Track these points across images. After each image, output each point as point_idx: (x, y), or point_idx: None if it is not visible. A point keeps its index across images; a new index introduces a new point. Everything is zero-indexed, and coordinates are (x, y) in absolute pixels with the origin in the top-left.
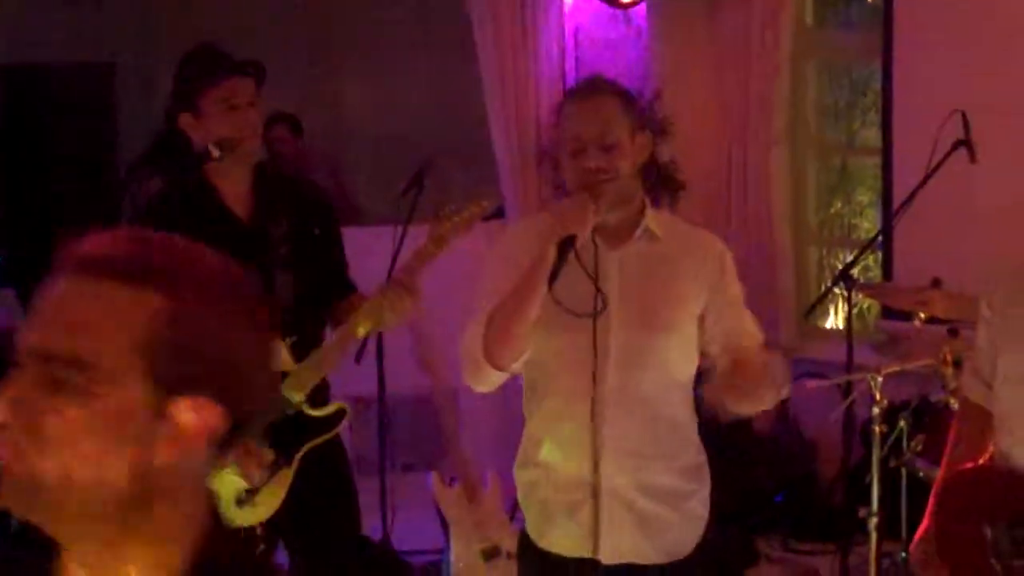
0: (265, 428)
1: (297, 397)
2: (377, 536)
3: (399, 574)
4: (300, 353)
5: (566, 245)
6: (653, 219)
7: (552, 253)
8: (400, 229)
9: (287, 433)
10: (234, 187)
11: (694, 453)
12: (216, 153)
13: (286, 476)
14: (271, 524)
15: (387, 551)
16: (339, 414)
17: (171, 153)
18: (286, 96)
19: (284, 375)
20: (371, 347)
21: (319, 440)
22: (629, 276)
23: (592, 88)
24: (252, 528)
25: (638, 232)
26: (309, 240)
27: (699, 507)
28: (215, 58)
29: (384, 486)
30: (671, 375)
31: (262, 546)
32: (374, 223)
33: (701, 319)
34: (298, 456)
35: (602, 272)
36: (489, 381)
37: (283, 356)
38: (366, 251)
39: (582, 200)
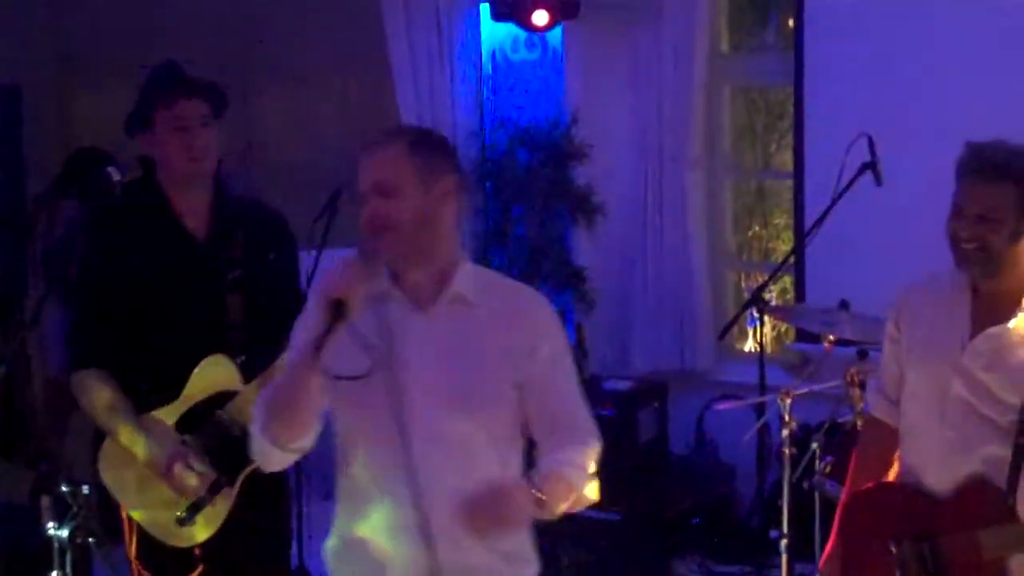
0: (209, 448)
1: (243, 419)
2: (293, 564)
3: None
4: (250, 374)
5: (337, 310)
6: (465, 280)
7: (321, 320)
8: (314, 253)
9: (232, 454)
10: (191, 205)
11: (519, 534)
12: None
13: (228, 497)
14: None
15: None
16: None
17: (80, 175)
18: None
19: (233, 395)
20: None
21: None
22: (434, 345)
23: (381, 135)
24: (190, 549)
25: (445, 296)
26: (263, 264)
27: None
28: (171, 77)
29: (301, 513)
30: (480, 458)
31: (200, 567)
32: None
33: (520, 389)
34: (241, 477)
35: (401, 337)
36: (277, 461)
37: (232, 375)
38: None
39: (351, 262)
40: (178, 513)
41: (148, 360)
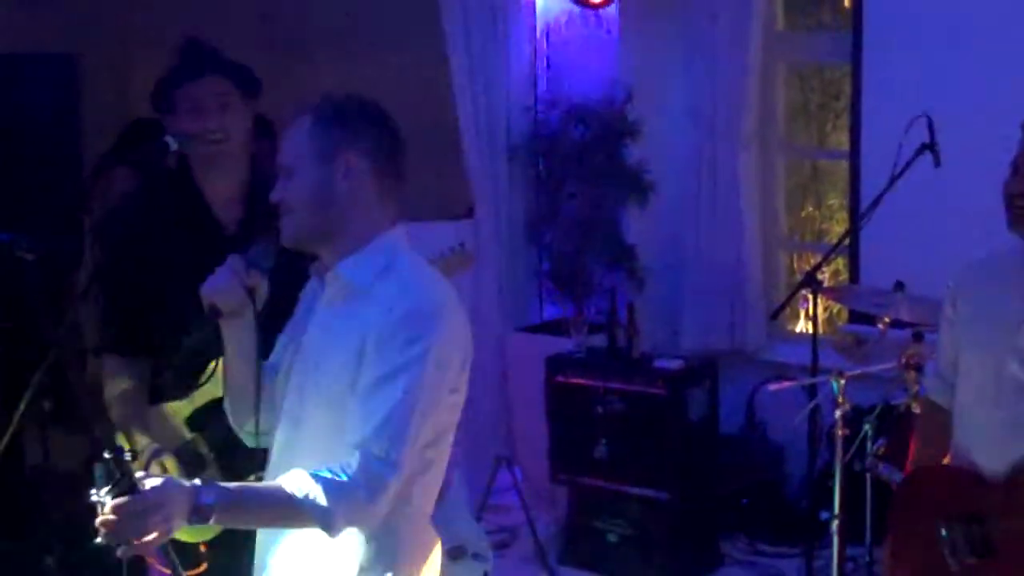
0: (218, 445)
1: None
2: None
3: None
4: None
5: (212, 312)
6: (361, 264)
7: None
8: None
9: (243, 453)
10: (220, 191)
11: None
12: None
13: None
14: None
15: None
16: None
17: (137, 144)
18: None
19: None
20: None
21: None
22: (320, 334)
23: (297, 113)
24: (196, 545)
25: (329, 277)
26: (299, 256)
27: None
28: (192, 55)
29: None
30: (336, 457)
31: (205, 565)
32: None
33: None
34: (251, 479)
35: (309, 326)
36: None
37: None
38: None
39: (228, 266)
40: None
41: (169, 351)
